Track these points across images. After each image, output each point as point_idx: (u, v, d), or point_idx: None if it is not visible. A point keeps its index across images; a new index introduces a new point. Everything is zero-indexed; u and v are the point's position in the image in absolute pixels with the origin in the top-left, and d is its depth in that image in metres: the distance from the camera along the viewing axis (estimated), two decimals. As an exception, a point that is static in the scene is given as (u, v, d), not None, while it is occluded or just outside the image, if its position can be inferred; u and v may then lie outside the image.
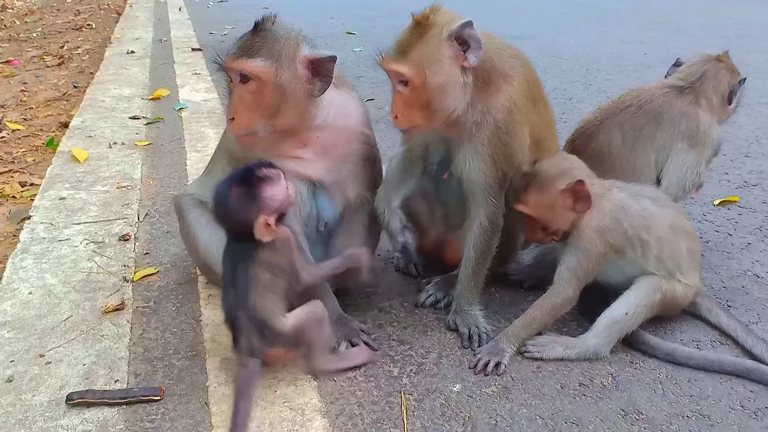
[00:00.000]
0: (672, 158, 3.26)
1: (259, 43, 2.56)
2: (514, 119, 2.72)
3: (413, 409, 2.45)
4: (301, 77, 2.59)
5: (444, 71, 2.55)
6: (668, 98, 3.30)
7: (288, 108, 2.60)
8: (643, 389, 2.56)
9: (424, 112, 2.61)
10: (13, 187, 4.57)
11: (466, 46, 2.55)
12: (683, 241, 2.83)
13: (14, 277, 3.24)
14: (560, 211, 2.71)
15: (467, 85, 2.61)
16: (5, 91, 7.04)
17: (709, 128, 3.28)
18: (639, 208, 2.77)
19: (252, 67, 2.53)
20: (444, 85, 2.56)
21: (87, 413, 2.37)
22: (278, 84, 2.55)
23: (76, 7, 13.84)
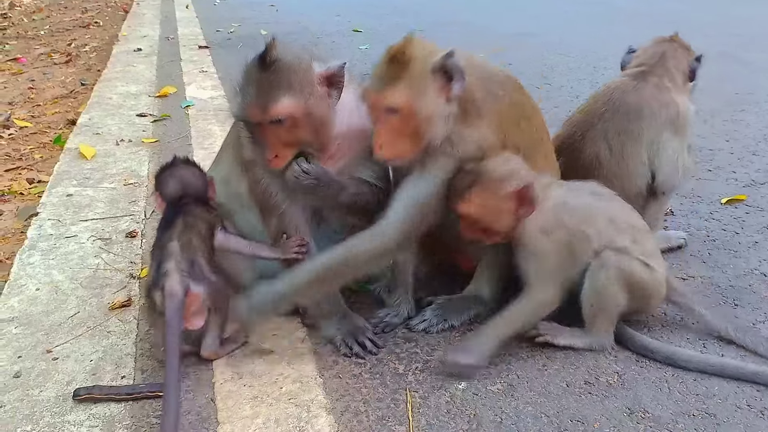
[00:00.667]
0: (661, 151, 3.25)
1: (275, 80, 2.52)
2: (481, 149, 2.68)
3: (418, 406, 2.45)
4: (323, 95, 2.60)
5: (431, 102, 2.55)
6: (639, 90, 3.27)
7: (322, 129, 2.63)
8: (649, 387, 2.55)
9: (408, 142, 2.59)
10: (20, 184, 4.60)
11: (449, 77, 2.55)
12: (626, 234, 2.73)
13: (22, 274, 3.25)
14: (504, 214, 2.66)
15: (451, 115, 2.61)
16: (13, 89, 7.08)
17: (687, 110, 3.28)
18: (578, 203, 2.74)
19: (281, 110, 2.51)
20: (431, 116, 2.55)
21: (94, 409, 2.39)
22: (308, 114, 2.56)
23: (83, 5, 13.89)
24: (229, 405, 2.42)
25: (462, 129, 2.65)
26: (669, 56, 3.34)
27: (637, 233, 2.77)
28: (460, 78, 2.54)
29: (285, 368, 2.64)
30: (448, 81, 2.55)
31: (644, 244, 2.77)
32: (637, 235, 2.76)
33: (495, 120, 2.72)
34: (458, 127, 2.64)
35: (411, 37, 2.60)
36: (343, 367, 2.67)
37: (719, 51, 8.22)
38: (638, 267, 2.72)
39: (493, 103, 2.73)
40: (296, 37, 9.56)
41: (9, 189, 4.52)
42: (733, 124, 5.76)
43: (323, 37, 9.58)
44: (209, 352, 2.67)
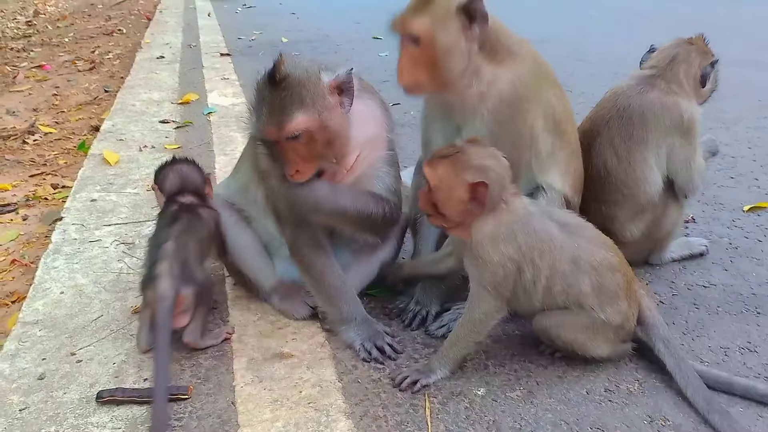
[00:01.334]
0: (671, 158, 3.22)
1: (287, 96, 2.52)
2: (519, 94, 2.74)
3: (437, 412, 2.45)
4: (335, 104, 2.61)
5: (451, 36, 2.63)
6: (644, 94, 3.23)
7: (339, 141, 2.64)
8: (670, 395, 2.54)
9: (428, 72, 2.68)
10: (45, 189, 4.66)
11: (472, 19, 2.63)
12: (585, 277, 2.56)
13: (46, 277, 3.30)
14: (455, 200, 2.51)
15: (472, 53, 2.68)
16: (38, 95, 7.18)
17: (692, 113, 3.22)
18: (539, 229, 2.55)
19: (296, 127, 2.52)
20: (450, 47, 2.63)
21: (116, 411, 2.42)
22: (324, 126, 2.56)
23: (107, 13, 14.06)
24: (249, 408, 2.44)
25: (494, 68, 2.73)
26: (680, 60, 3.28)
27: (600, 275, 2.58)
28: (482, 21, 2.63)
29: (305, 372, 2.65)
30: (471, 22, 2.63)
31: (606, 286, 2.58)
32: (600, 278, 2.58)
33: (530, 63, 2.80)
34: (489, 66, 2.72)
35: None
36: (362, 372, 2.68)
37: (742, 57, 8.15)
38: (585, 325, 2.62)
39: (527, 48, 2.82)
40: (317, 45, 9.62)
41: (34, 194, 4.59)
42: (756, 131, 5.70)
43: (343, 44, 9.63)
44: (189, 339, 2.77)
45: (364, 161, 2.81)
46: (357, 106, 2.69)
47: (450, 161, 2.51)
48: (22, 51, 9.63)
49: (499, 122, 2.74)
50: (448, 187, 2.51)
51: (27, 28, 11.89)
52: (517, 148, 2.78)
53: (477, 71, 2.71)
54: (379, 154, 2.84)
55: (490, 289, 2.55)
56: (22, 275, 3.55)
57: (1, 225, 4.14)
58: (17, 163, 5.19)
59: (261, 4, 14.62)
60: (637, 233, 3.33)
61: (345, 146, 2.69)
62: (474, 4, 2.61)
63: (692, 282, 3.35)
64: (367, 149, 2.80)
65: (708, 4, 13.66)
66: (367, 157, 2.81)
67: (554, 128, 2.90)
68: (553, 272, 2.54)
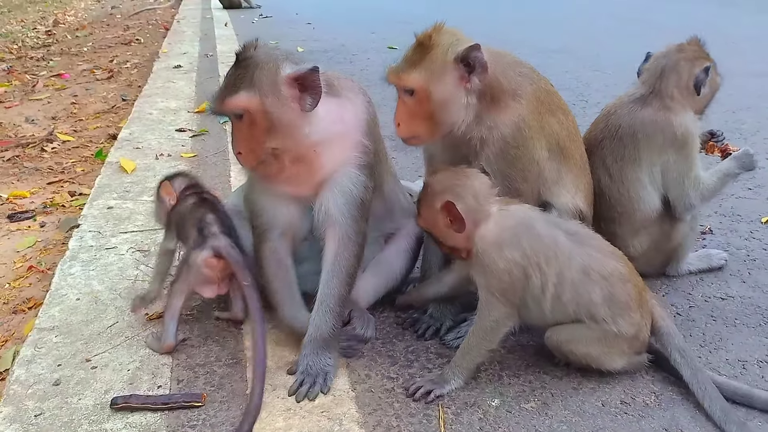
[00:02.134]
0: (665, 175, 3.18)
1: (241, 75, 2.52)
2: (523, 134, 2.73)
3: (451, 422, 2.44)
4: (288, 97, 2.53)
5: (447, 89, 2.62)
6: (635, 113, 3.18)
7: (282, 131, 2.54)
8: (687, 408, 2.50)
9: (425, 124, 2.69)
10: (62, 197, 4.71)
11: (470, 69, 2.61)
12: (596, 287, 2.53)
13: (63, 284, 3.32)
14: (441, 228, 2.60)
15: (470, 105, 2.67)
16: (56, 104, 7.27)
17: (686, 128, 3.15)
18: (546, 234, 2.55)
19: (237, 103, 2.50)
20: (447, 101, 2.63)
21: (131, 418, 2.42)
22: (266, 111, 2.50)
23: (125, 23, 14.22)
24: (262, 416, 2.43)
25: (495, 114, 2.71)
26: (668, 72, 3.20)
27: (611, 286, 2.56)
28: (481, 71, 2.61)
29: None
30: (469, 72, 2.61)
31: (617, 296, 2.56)
32: (611, 289, 2.56)
33: (532, 102, 2.78)
34: (490, 114, 2.70)
35: (440, 25, 2.70)
36: (375, 381, 2.67)
37: (759, 68, 8.09)
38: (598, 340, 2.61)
39: (529, 86, 2.79)
40: (332, 55, 9.66)
41: (51, 201, 4.63)
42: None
43: (359, 54, 9.67)
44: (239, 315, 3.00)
45: (327, 162, 2.70)
46: (328, 106, 2.62)
47: (422, 199, 2.67)
48: (42, 60, 9.76)
49: (506, 162, 2.75)
50: (431, 221, 2.64)
51: (47, 37, 12.05)
52: (525, 180, 2.81)
53: (478, 120, 2.70)
54: (347, 156, 2.72)
55: (498, 296, 2.54)
56: (38, 282, 3.58)
57: (19, 232, 4.18)
58: (35, 170, 5.25)
59: (278, 14, 14.72)
60: (642, 247, 3.30)
61: (289, 141, 2.58)
62: (472, 54, 2.58)
63: (710, 294, 3.32)
64: (332, 150, 2.70)
65: (726, 15, 13.59)
66: (331, 158, 2.70)
67: (559, 155, 2.90)
68: (561, 280, 2.53)
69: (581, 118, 5.87)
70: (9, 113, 6.82)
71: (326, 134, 2.65)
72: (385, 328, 3.04)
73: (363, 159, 2.74)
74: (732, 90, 3.32)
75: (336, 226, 2.74)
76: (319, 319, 2.74)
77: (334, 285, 2.76)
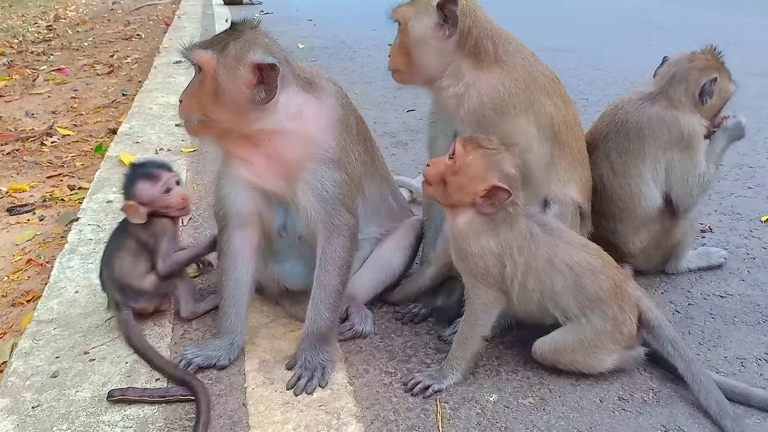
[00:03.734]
0: (669, 171, 3.17)
1: (221, 38, 2.59)
2: (503, 99, 2.74)
3: (449, 417, 2.44)
4: (242, 79, 2.51)
5: (422, 29, 2.74)
6: (643, 109, 3.19)
7: (221, 104, 2.54)
8: (685, 405, 2.51)
9: (405, 59, 2.82)
10: (62, 190, 4.71)
11: (445, 19, 2.70)
12: (559, 275, 2.54)
13: (62, 277, 3.32)
14: (471, 189, 2.50)
15: (446, 51, 2.74)
16: (57, 98, 7.26)
17: (693, 128, 3.16)
18: (522, 227, 2.56)
19: (198, 56, 2.55)
20: (420, 41, 2.75)
21: (128, 410, 2.42)
22: (216, 77, 2.52)
23: (126, 18, 14.20)
24: (260, 410, 2.44)
25: (476, 71, 2.75)
26: (678, 79, 3.20)
27: (577, 276, 2.55)
28: (453, 23, 2.69)
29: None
30: (445, 22, 2.70)
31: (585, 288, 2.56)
32: (577, 279, 2.55)
33: (518, 72, 2.78)
34: (471, 69, 2.75)
35: None
36: (373, 375, 2.67)
37: (760, 68, 8.08)
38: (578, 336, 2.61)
39: (519, 59, 2.81)
40: (333, 51, 9.65)
41: (51, 195, 4.63)
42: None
43: (359, 51, 9.65)
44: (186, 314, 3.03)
45: (285, 154, 2.68)
46: (291, 100, 2.62)
47: (485, 153, 2.51)
48: (42, 54, 9.75)
49: (481, 125, 2.74)
50: (472, 175, 2.50)
51: (47, 32, 12.03)
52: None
53: (456, 72, 2.75)
54: (308, 152, 2.68)
55: (480, 280, 2.55)
56: (37, 275, 3.58)
57: (18, 225, 4.18)
58: (35, 164, 5.25)
59: (278, 10, 14.71)
60: (642, 244, 3.31)
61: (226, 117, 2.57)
62: (447, 4, 2.67)
63: (709, 292, 3.32)
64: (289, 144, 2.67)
65: (726, 16, 13.58)
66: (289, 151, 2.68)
67: (553, 138, 2.87)
68: (527, 268, 2.54)
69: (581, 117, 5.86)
70: (9, 107, 6.81)
71: (278, 127, 2.63)
72: (384, 323, 3.04)
73: (325, 155, 2.70)
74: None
75: (317, 223, 2.74)
76: (314, 312, 2.74)
77: (326, 278, 2.75)
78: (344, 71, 8.18)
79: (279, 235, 2.89)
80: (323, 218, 2.72)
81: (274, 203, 2.80)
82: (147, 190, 2.96)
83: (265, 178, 2.73)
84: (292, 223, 2.85)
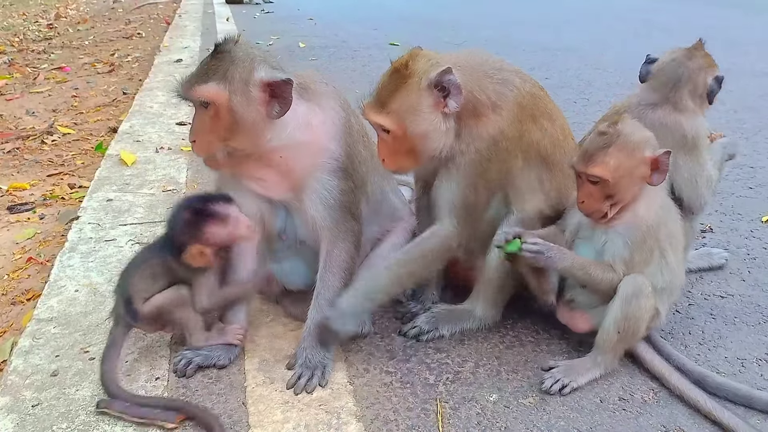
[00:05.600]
0: (677, 175, 3.09)
1: (215, 66, 2.51)
2: (499, 147, 2.67)
3: (449, 417, 2.44)
4: (256, 100, 2.52)
5: (424, 120, 2.56)
6: (644, 115, 3.07)
7: (243, 131, 2.54)
8: (685, 405, 2.50)
9: (408, 157, 2.64)
10: (62, 189, 4.70)
11: (446, 92, 2.53)
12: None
13: (61, 275, 3.32)
14: (636, 179, 2.58)
15: (449, 129, 2.61)
16: (57, 97, 7.25)
17: (697, 131, 3.11)
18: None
19: (205, 92, 2.49)
20: (426, 133, 2.57)
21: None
22: (231, 107, 2.49)
23: (127, 17, 14.20)
24: (260, 409, 2.43)
25: (474, 130, 2.65)
26: (684, 82, 3.13)
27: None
28: (456, 93, 2.53)
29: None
30: (445, 96, 2.54)
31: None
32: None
33: (513, 110, 2.69)
34: (468, 130, 2.64)
35: (417, 51, 2.62)
36: (373, 375, 2.67)
37: (760, 68, 8.08)
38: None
39: (510, 92, 2.70)
40: (334, 51, 9.65)
41: (51, 193, 4.62)
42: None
43: (360, 50, 9.65)
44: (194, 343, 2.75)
45: (294, 168, 2.70)
46: (297, 111, 2.62)
47: (617, 147, 2.55)
48: (43, 53, 9.74)
49: (478, 173, 2.68)
50: (630, 170, 2.56)
51: (48, 30, 12.02)
52: (488, 190, 2.76)
53: (458, 138, 2.64)
54: (315, 162, 2.70)
55: (649, 261, 2.66)
56: (37, 273, 3.58)
57: (18, 223, 4.18)
58: (35, 162, 5.24)
59: (279, 9, 14.71)
60: None
61: (248, 142, 2.58)
62: (445, 78, 2.51)
63: (709, 292, 3.31)
64: (298, 157, 2.69)
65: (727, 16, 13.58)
66: (298, 164, 2.69)
67: (540, 164, 2.82)
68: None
69: (582, 116, 5.88)
70: (10, 105, 6.81)
71: (291, 141, 2.64)
72: (384, 323, 3.04)
73: (334, 164, 2.72)
74: (733, 89, 3.27)
75: (323, 230, 2.76)
76: (316, 312, 2.74)
77: (329, 279, 2.77)
78: (345, 71, 8.17)
79: (279, 238, 2.90)
80: (329, 225, 2.74)
81: (276, 206, 2.82)
82: (219, 233, 2.66)
83: (274, 191, 2.75)
84: (292, 227, 2.87)
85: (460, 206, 2.71)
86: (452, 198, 2.71)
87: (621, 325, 2.59)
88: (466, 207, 2.72)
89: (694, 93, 3.14)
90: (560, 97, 7.46)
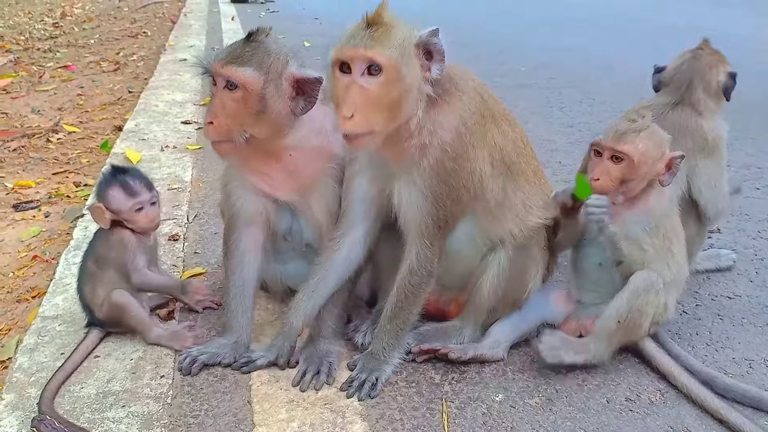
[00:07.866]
0: (696, 178, 3.08)
1: (250, 52, 2.52)
2: (463, 141, 2.47)
3: (454, 416, 2.42)
4: (285, 93, 2.55)
5: (413, 73, 2.34)
6: (663, 117, 3.06)
7: (267, 120, 2.54)
8: (692, 406, 2.49)
9: (383, 113, 2.31)
10: (67, 187, 4.71)
11: (430, 56, 2.37)
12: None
13: (67, 273, 3.32)
14: (652, 172, 2.65)
15: (423, 101, 2.40)
16: (63, 95, 7.26)
17: (718, 132, 3.11)
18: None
19: (241, 76, 2.48)
20: (409, 88, 2.34)
21: (132, 407, 2.41)
22: (263, 96, 2.50)
23: (132, 16, 14.22)
24: (265, 408, 2.43)
25: (435, 114, 2.44)
26: (696, 82, 3.13)
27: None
28: (440, 60, 2.37)
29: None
30: (428, 60, 2.37)
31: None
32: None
33: (475, 99, 2.53)
34: (431, 112, 2.43)
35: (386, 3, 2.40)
36: (379, 374, 2.66)
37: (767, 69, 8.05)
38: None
39: (471, 84, 2.56)
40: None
41: (56, 192, 4.63)
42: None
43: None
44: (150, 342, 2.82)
45: (302, 169, 2.71)
46: (314, 114, 2.62)
47: (647, 134, 2.65)
48: (49, 51, 9.76)
49: (439, 176, 2.46)
50: (651, 159, 2.64)
51: (54, 29, 12.05)
52: (459, 202, 2.53)
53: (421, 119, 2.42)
54: (323, 167, 2.72)
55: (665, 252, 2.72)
56: (42, 271, 3.58)
57: (24, 222, 4.18)
58: (41, 160, 5.25)
59: (284, 8, 14.72)
60: None
61: (267, 133, 2.58)
62: (434, 40, 2.35)
63: (717, 293, 3.30)
64: (307, 159, 2.70)
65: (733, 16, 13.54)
66: (305, 166, 2.70)
67: (505, 171, 2.64)
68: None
69: (588, 116, 5.87)
70: (15, 104, 6.82)
71: (304, 141, 2.67)
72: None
73: (340, 174, 2.72)
74: (739, 89, 3.24)
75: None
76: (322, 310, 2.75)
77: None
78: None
79: (284, 239, 2.90)
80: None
81: (281, 207, 2.82)
82: (118, 201, 2.79)
83: (279, 189, 2.76)
84: (298, 229, 2.87)
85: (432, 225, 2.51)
86: (420, 217, 2.51)
87: (623, 316, 2.60)
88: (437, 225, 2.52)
89: (708, 91, 3.14)
90: (566, 96, 7.47)
